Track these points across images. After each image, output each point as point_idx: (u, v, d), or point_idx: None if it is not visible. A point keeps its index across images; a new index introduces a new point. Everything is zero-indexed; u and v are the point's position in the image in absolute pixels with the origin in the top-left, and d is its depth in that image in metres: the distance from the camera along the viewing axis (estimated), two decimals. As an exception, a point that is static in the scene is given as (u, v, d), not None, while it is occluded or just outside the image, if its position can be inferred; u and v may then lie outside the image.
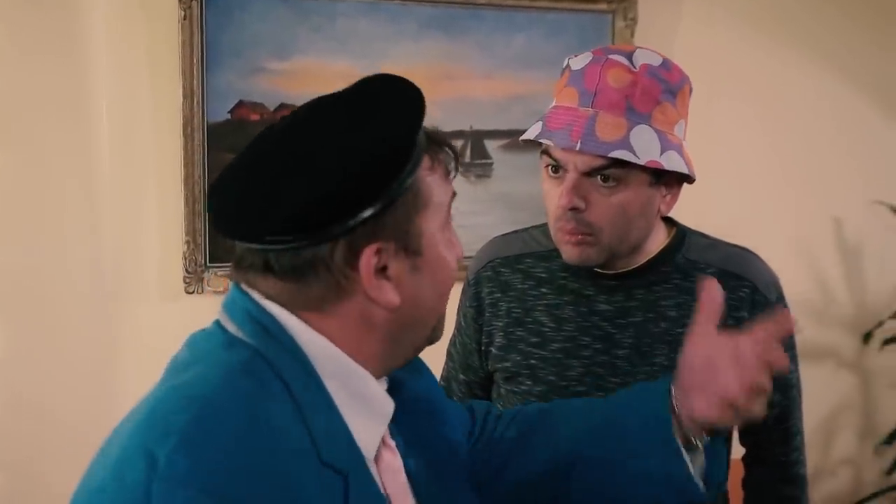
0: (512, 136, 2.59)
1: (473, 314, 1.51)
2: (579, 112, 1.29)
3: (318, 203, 0.85)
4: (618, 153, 1.25)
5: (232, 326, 0.90)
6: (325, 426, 0.88)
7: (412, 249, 0.91)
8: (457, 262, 0.98)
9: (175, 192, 2.36)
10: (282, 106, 2.39)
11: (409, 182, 0.89)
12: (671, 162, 1.29)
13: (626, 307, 1.40)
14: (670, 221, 1.46)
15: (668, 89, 1.30)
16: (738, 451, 1.54)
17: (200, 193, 2.35)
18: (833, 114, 2.97)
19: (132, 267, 2.37)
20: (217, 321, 0.93)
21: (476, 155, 2.60)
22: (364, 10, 2.47)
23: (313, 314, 0.90)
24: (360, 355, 0.92)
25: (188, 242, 2.37)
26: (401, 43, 2.50)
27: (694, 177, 1.35)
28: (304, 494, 0.82)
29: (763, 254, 1.47)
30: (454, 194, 0.97)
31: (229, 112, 2.37)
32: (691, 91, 1.37)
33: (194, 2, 2.30)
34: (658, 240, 1.42)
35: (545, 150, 1.33)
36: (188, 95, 2.33)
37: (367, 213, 0.86)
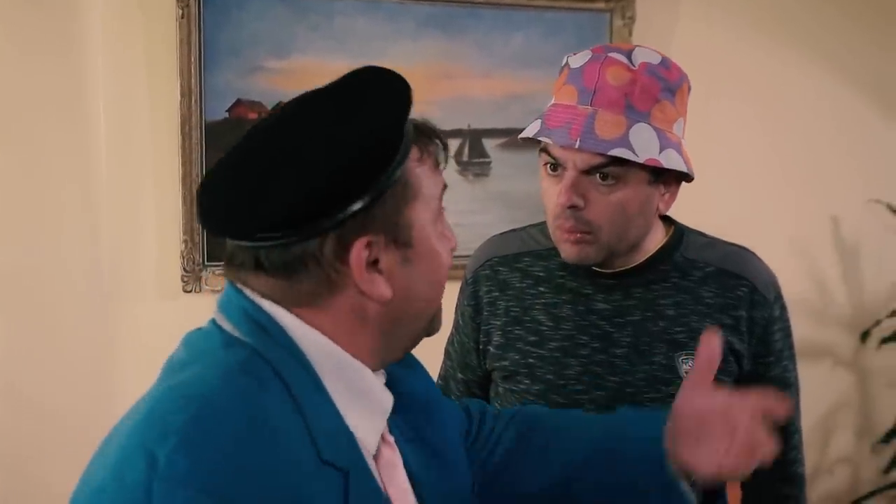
0: (510, 135, 2.59)
1: (471, 313, 1.50)
2: (578, 110, 1.29)
3: (306, 198, 0.84)
4: (617, 151, 1.25)
5: (228, 325, 0.90)
6: (325, 424, 0.88)
7: (403, 241, 0.90)
8: (450, 253, 0.97)
9: (173, 191, 2.35)
10: (280, 105, 2.38)
11: (397, 174, 0.88)
12: (670, 160, 1.29)
13: (624, 306, 1.40)
14: (668, 220, 1.46)
15: (667, 87, 1.30)
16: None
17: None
18: (832, 113, 2.96)
19: (130, 266, 2.36)
20: (213, 320, 0.92)
21: (474, 154, 2.60)
22: (362, 8, 2.47)
23: (306, 310, 0.90)
24: (356, 349, 0.92)
25: (186, 241, 2.36)
26: (399, 42, 2.50)
27: (693, 175, 1.35)
28: (304, 493, 0.82)
29: (761, 253, 1.47)
30: (445, 186, 0.97)
31: (227, 111, 2.37)
32: (690, 89, 1.37)
33: (192, 0, 2.30)
34: (656, 238, 1.42)
35: (544, 148, 1.33)
36: (186, 94, 2.32)
37: (356, 206, 0.86)
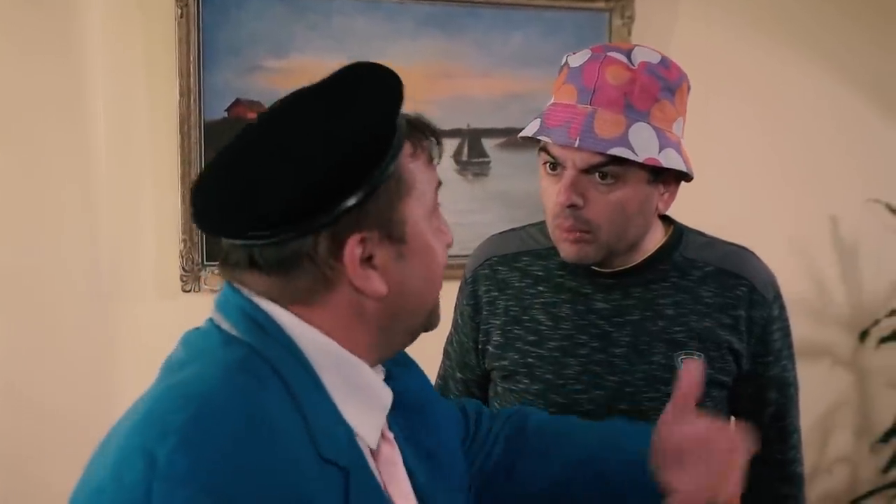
0: (509, 135, 2.59)
1: (470, 312, 1.50)
2: (578, 109, 1.29)
3: (299, 195, 0.84)
4: (616, 150, 1.25)
5: (226, 324, 0.90)
6: (324, 422, 0.88)
7: (397, 237, 0.90)
8: (445, 249, 0.97)
9: (172, 190, 2.35)
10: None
11: (390, 169, 0.88)
12: (669, 160, 1.29)
13: (623, 305, 1.40)
14: (668, 220, 1.45)
15: (667, 87, 1.30)
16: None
17: (197, 192, 2.34)
18: (831, 113, 2.96)
19: (129, 265, 2.36)
20: (210, 319, 0.92)
21: (473, 153, 2.60)
22: (361, 8, 2.46)
23: (302, 307, 0.89)
24: (354, 345, 0.92)
25: (185, 241, 2.36)
26: (398, 41, 2.50)
27: (692, 175, 1.35)
28: (304, 491, 0.82)
29: (760, 252, 1.47)
30: (440, 183, 0.96)
31: (226, 110, 2.37)
32: (689, 89, 1.37)
33: (191, 0, 2.30)
34: (655, 238, 1.41)
35: (543, 148, 1.33)
36: (185, 94, 2.32)
37: (349, 202, 0.86)
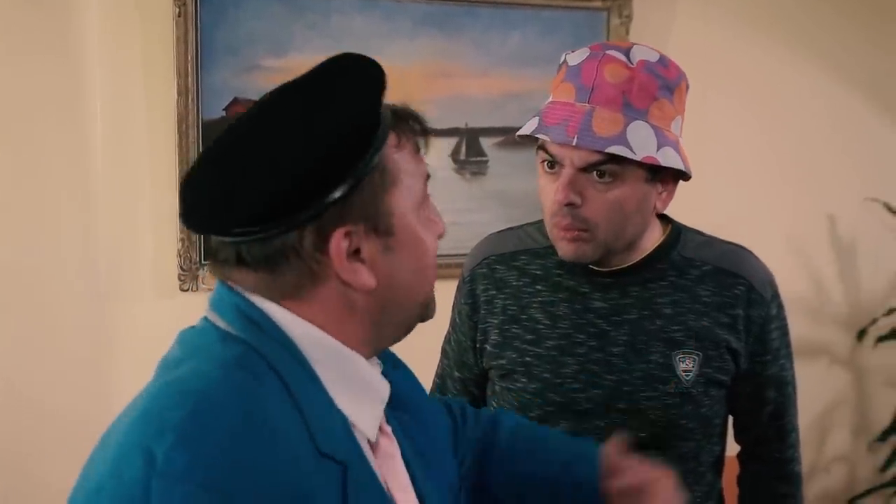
0: (507, 134, 2.59)
1: (468, 311, 1.50)
2: (576, 107, 1.29)
3: (282, 190, 0.84)
4: (614, 148, 1.25)
5: (222, 323, 0.90)
6: (321, 416, 0.88)
7: (383, 230, 0.90)
8: (436, 239, 0.97)
9: (170, 189, 2.35)
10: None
11: (374, 161, 0.87)
12: (667, 158, 1.29)
13: (621, 304, 1.40)
14: (665, 219, 1.46)
15: (665, 85, 1.30)
16: (733, 449, 1.55)
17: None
18: (828, 112, 2.97)
19: (127, 265, 2.36)
20: (206, 318, 0.92)
21: (471, 152, 2.59)
22: (359, 7, 2.46)
23: (293, 302, 0.89)
24: (347, 338, 0.91)
25: (183, 240, 2.36)
26: (396, 40, 2.50)
27: (690, 174, 1.35)
28: (302, 486, 0.82)
29: (758, 251, 1.47)
30: (428, 176, 0.96)
31: (224, 109, 2.36)
32: (688, 88, 1.37)
33: (189, -1, 2.30)
34: (653, 237, 1.42)
35: (541, 146, 1.33)
36: (183, 93, 2.32)
37: (333, 196, 0.85)
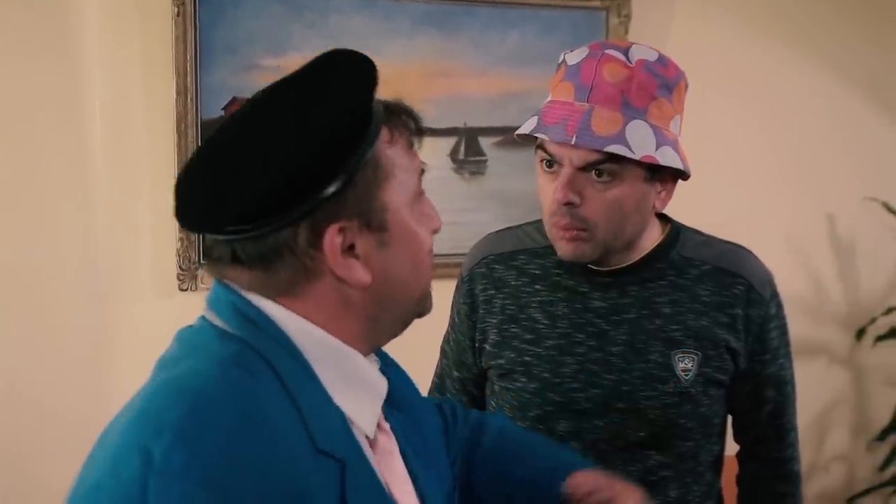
0: (506, 133, 2.58)
1: (467, 311, 1.50)
2: (575, 106, 1.29)
3: (274, 187, 0.84)
4: (613, 148, 1.25)
5: (219, 321, 0.90)
6: (319, 413, 0.87)
7: (377, 225, 0.89)
8: (431, 234, 0.96)
9: (169, 189, 2.26)
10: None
11: (367, 157, 0.87)
12: (666, 157, 1.29)
13: (620, 304, 1.40)
14: (664, 218, 1.46)
15: (664, 85, 1.30)
16: (731, 448, 1.55)
17: (194, 190, 2.34)
18: (827, 111, 2.97)
19: (126, 264, 2.36)
20: (203, 317, 0.92)
21: (470, 152, 2.59)
22: (358, 6, 2.46)
23: (288, 299, 0.89)
24: (344, 335, 0.91)
25: (182, 239, 2.36)
26: (395, 40, 2.50)
27: (689, 173, 1.35)
28: (300, 484, 0.82)
29: (757, 251, 1.47)
30: (423, 171, 0.95)
31: (223, 109, 2.36)
32: (687, 87, 1.37)
33: (188, -2, 2.30)
34: (652, 236, 1.42)
35: (540, 145, 1.33)
36: (181, 92, 2.32)
37: (326, 192, 0.85)
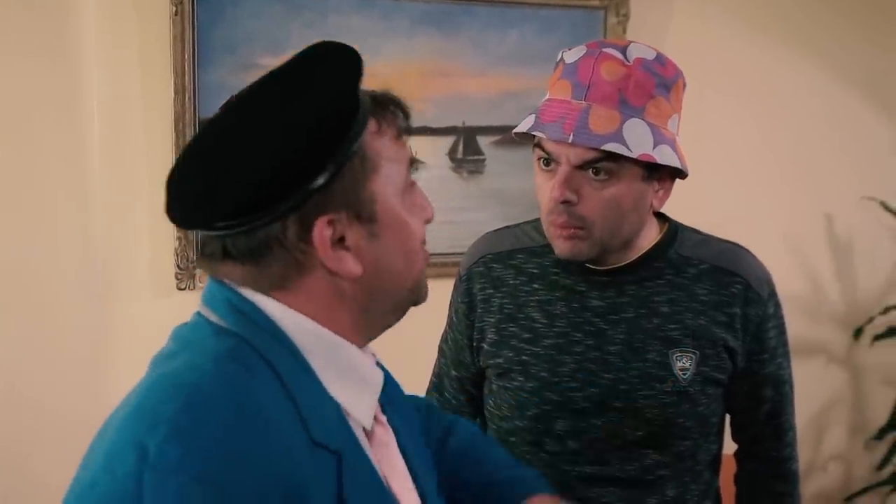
0: (504, 133, 2.58)
1: (465, 310, 1.50)
2: (572, 105, 1.29)
3: (261, 181, 0.84)
4: (610, 146, 1.25)
5: (214, 317, 0.90)
6: (315, 406, 0.88)
7: (366, 216, 0.90)
8: (423, 224, 0.96)
9: (167, 188, 2.34)
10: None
11: (353, 148, 0.87)
12: (664, 156, 1.29)
13: (617, 303, 1.40)
14: (662, 217, 1.46)
15: (662, 83, 1.30)
16: (730, 447, 1.55)
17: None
18: (825, 110, 2.97)
19: (124, 264, 2.36)
20: (198, 313, 0.93)
21: (469, 151, 2.59)
22: (357, 6, 2.46)
23: (281, 293, 0.90)
24: (338, 327, 0.92)
25: (180, 239, 2.36)
26: (393, 39, 2.49)
27: (687, 172, 1.35)
28: (296, 477, 0.82)
29: (755, 250, 1.47)
30: (413, 160, 0.95)
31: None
32: (685, 86, 1.37)
33: (186, -3, 2.30)
34: (650, 235, 1.42)
35: (538, 143, 1.33)
36: (180, 92, 2.31)
37: (314, 185, 0.85)
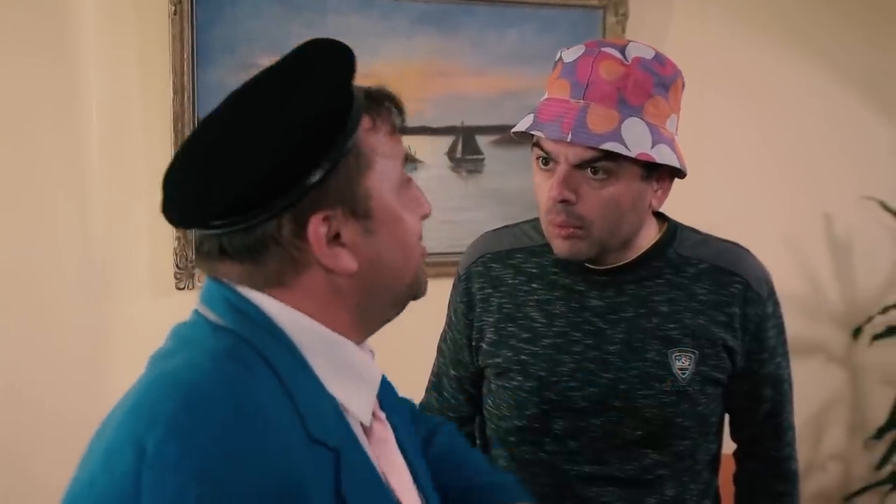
0: (504, 132, 2.58)
1: (464, 310, 1.50)
2: (571, 104, 1.29)
3: (257, 179, 0.84)
4: (608, 145, 1.25)
5: (213, 315, 0.90)
6: (313, 403, 0.88)
7: (361, 213, 0.90)
8: (419, 219, 0.96)
9: (166, 188, 2.34)
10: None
11: (348, 145, 0.87)
12: (662, 155, 1.29)
13: (617, 302, 1.40)
14: (662, 217, 1.46)
15: (661, 83, 1.30)
16: (729, 447, 1.55)
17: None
18: (825, 110, 2.97)
19: (123, 264, 2.36)
20: (196, 311, 0.93)
21: (468, 150, 2.59)
22: (356, 6, 2.46)
23: (278, 291, 0.90)
24: (336, 324, 0.92)
25: (179, 238, 2.36)
26: (393, 39, 2.49)
27: (685, 171, 1.35)
28: (294, 475, 0.82)
29: (754, 249, 1.47)
30: (407, 156, 0.96)
31: (220, 108, 2.36)
32: (684, 86, 1.37)
33: (185, -3, 2.29)
34: (649, 235, 1.42)
35: (536, 143, 1.33)
36: (179, 91, 2.31)
37: (308, 182, 0.85)
